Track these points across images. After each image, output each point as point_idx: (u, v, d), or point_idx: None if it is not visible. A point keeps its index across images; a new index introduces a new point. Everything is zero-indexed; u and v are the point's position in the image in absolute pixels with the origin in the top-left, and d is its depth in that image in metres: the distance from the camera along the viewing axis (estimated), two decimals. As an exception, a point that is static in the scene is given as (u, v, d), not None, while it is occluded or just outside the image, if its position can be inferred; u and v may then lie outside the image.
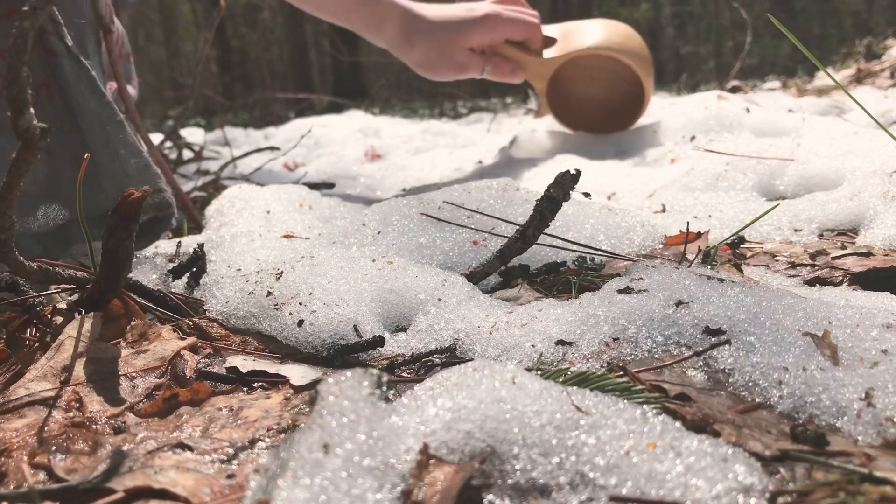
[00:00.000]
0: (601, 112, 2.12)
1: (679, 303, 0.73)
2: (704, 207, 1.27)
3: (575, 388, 0.57)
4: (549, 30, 2.03)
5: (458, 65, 1.87)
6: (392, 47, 1.88)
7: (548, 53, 1.98)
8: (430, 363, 0.75)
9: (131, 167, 1.09)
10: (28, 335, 0.78)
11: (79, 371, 0.70)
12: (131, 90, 1.41)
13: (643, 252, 1.04)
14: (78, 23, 1.09)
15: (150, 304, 0.89)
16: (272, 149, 2.53)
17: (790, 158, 1.42)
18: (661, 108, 2.22)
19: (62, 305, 0.80)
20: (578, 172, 0.90)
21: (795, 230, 1.13)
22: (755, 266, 0.99)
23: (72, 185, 1.07)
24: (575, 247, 1.01)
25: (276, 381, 0.71)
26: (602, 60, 2.00)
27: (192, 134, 3.95)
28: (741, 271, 0.93)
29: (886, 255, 0.97)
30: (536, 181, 1.66)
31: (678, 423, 0.52)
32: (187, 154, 2.97)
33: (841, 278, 0.92)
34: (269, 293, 0.84)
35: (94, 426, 0.61)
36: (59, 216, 1.06)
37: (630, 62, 1.93)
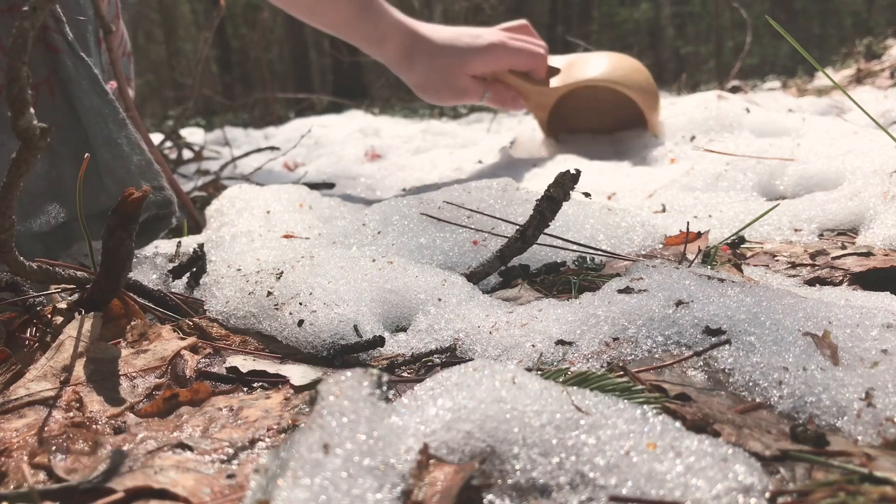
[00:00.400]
0: None
1: (679, 303, 0.73)
2: (704, 207, 1.27)
3: (575, 388, 0.57)
4: (554, 61, 2.00)
5: (458, 90, 1.85)
6: (391, 65, 1.86)
7: (550, 84, 1.95)
8: (430, 363, 0.75)
9: (134, 165, 1.09)
10: (28, 335, 0.78)
11: (79, 371, 0.70)
12: (129, 91, 1.41)
13: (643, 252, 1.04)
14: (79, 20, 1.09)
15: (150, 304, 0.89)
16: (272, 149, 2.53)
17: (790, 158, 1.42)
18: (662, 108, 2.22)
19: (62, 305, 0.80)
20: (578, 172, 0.90)
21: (795, 230, 1.13)
22: (755, 266, 0.99)
23: (73, 183, 1.07)
24: (575, 247, 1.01)
25: (276, 381, 0.71)
26: (605, 92, 1.97)
27: (192, 134, 3.94)
28: (741, 271, 0.93)
29: (886, 255, 0.97)
30: (536, 181, 1.66)
31: (678, 423, 0.52)
32: (187, 154, 2.97)
33: (841, 278, 0.92)
34: (269, 293, 0.84)
35: (94, 426, 0.61)
36: (60, 215, 1.06)
37: (633, 94, 1.90)
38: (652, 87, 1.96)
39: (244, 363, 0.74)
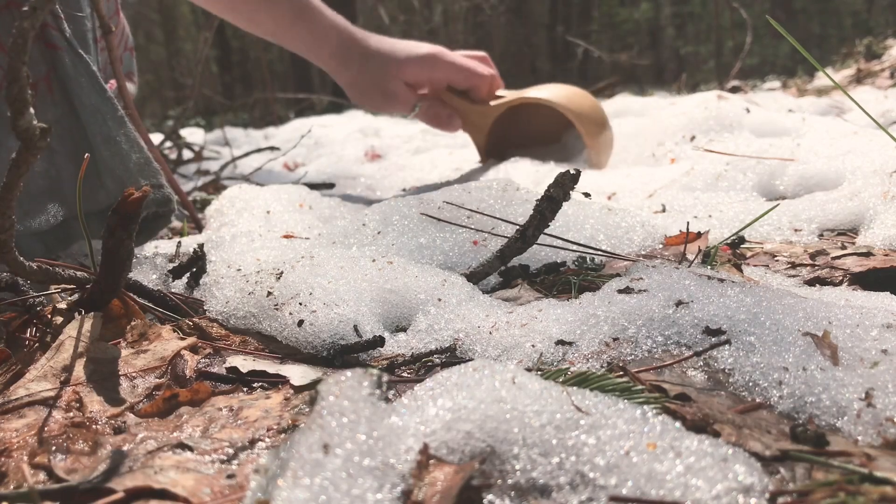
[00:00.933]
0: None
1: (679, 303, 0.73)
2: (704, 207, 1.27)
3: (575, 388, 0.57)
4: (502, 92, 1.89)
5: (387, 94, 1.77)
6: (328, 68, 1.81)
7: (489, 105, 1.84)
8: (430, 363, 0.75)
9: (132, 163, 1.09)
10: (28, 335, 0.78)
11: (79, 371, 0.70)
12: (130, 87, 1.41)
13: (643, 252, 1.04)
14: (77, 17, 1.09)
15: (150, 304, 0.89)
16: (272, 149, 2.53)
17: (790, 158, 1.42)
18: (661, 108, 2.22)
19: (62, 305, 0.80)
20: (578, 172, 0.90)
21: (795, 230, 1.13)
22: (755, 266, 0.99)
23: (72, 181, 1.07)
24: (575, 247, 1.01)
25: (276, 381, 0.71)
26: (545, 115, 1.84)
27: (192, 134, 3.94)
28: (741, 271, 0.93)
29: (886, 255, 0.97)
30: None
31: (678, 423, 0.52)
32: (187, 154, 2.97)
33: (841, 278, 0.92)
34: (269, 293, 0.84)
35: (94, 426, 0.61)
36: (59, 213, 1.06)
37: (572, 116, 1.75)
38: (599, 116, 1.83)
39: (244, 363, 0.74)
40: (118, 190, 1.06)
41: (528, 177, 1.64)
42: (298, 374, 0.71)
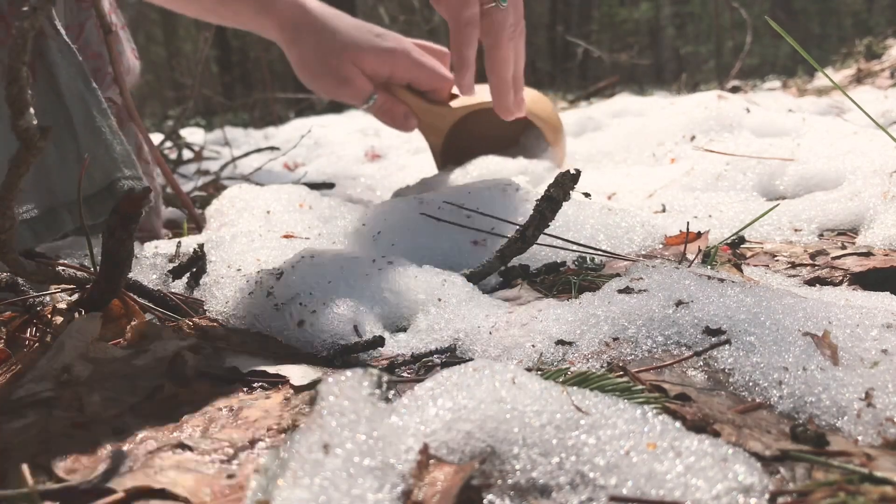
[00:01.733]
0: None
1: (679, 303, 0.73)
2: (704, 207, 1.27)
3: (575, 388, 0.57)
4: (454, 92, 1.78)
5: (340, 77, 1.58)
6: (277, 39, 1.64)
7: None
8: (430, 363, 0.75)
9: (116, 153, 1.08)
10: (28, 335, 0.78)
11: (79, 371, 0.70)
12: (136, 63, 1.39)
13: (643, 252, 1.04)
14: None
15: (150, 304, 0.89)
16: (272, 149, 2.53)
17: (790, 158, 1.42)
18: (661, 108, 2.22)
19: (62, 305, 0.80)
20: (578, 172, 0.90)
21: (795, 230, 1.13)
22: (755, 266, 0.99)
23: (57, 168, 1.06)
24: (575, 247, 1.01)
25: (276, 381, 0.71)
26: (507, 122, 1.73)
27: (192, 134, 3.95)
28: (741, 271, 0.93)
29: (886, 255, 0.97)
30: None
31: (678, 423, 0.52)
32: (187, 154, 2.97)
33: (841, 278, 0.92)
34: (269, 293, 0.84)
35: (94, 426, 0.62)
36: (45, 200, 1.05)
37: (539, 122, 1.71)
38: (556, 118, 1.78)
39: (244, 363, 0.74)
40: (102, 178, 1.06)
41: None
42: (298, 374, 0.71)
